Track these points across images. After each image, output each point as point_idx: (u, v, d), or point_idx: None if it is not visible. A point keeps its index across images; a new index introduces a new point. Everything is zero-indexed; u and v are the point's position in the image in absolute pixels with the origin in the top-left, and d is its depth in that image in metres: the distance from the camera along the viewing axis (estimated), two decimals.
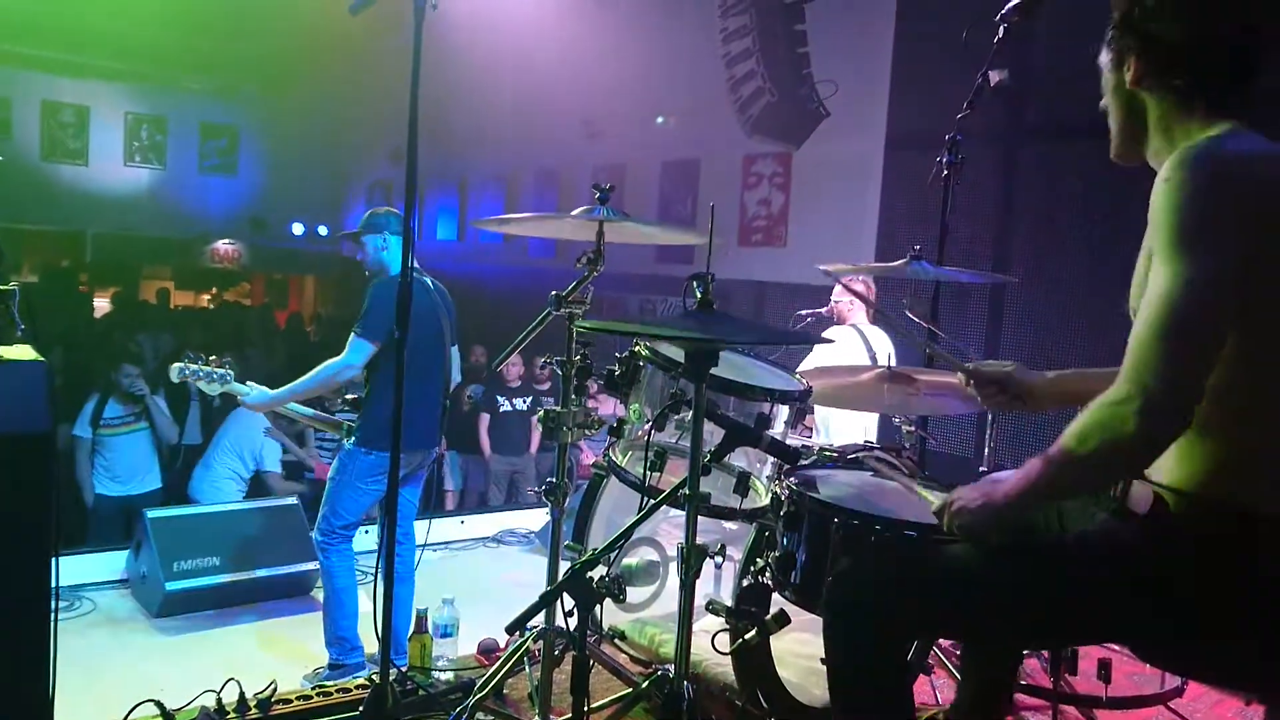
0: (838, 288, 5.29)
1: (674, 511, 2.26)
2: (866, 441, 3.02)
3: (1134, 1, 1.74)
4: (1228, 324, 1.56)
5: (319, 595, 5.32)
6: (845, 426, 4.73)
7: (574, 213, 2.63)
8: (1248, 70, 1.73)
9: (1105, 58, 1.84)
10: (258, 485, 6.95)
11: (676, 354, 2.35)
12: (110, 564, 5.36)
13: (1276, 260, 1.58)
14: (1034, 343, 6.15)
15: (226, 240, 17.30)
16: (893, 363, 5.04)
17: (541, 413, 2.64)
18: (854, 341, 5.10)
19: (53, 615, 2.51)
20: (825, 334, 5.15)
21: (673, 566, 2.57)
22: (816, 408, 4.78)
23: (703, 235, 2.36)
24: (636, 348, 2.51)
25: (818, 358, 4.92)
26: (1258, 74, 1.74)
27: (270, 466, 6.78)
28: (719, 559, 2.24)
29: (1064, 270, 6.02)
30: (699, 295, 2.01)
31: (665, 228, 3.11)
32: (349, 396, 4.16)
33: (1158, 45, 1.73)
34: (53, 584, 2.48)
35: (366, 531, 6.39)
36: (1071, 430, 1.63)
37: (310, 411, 4.30)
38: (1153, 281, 1.59)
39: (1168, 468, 1.69)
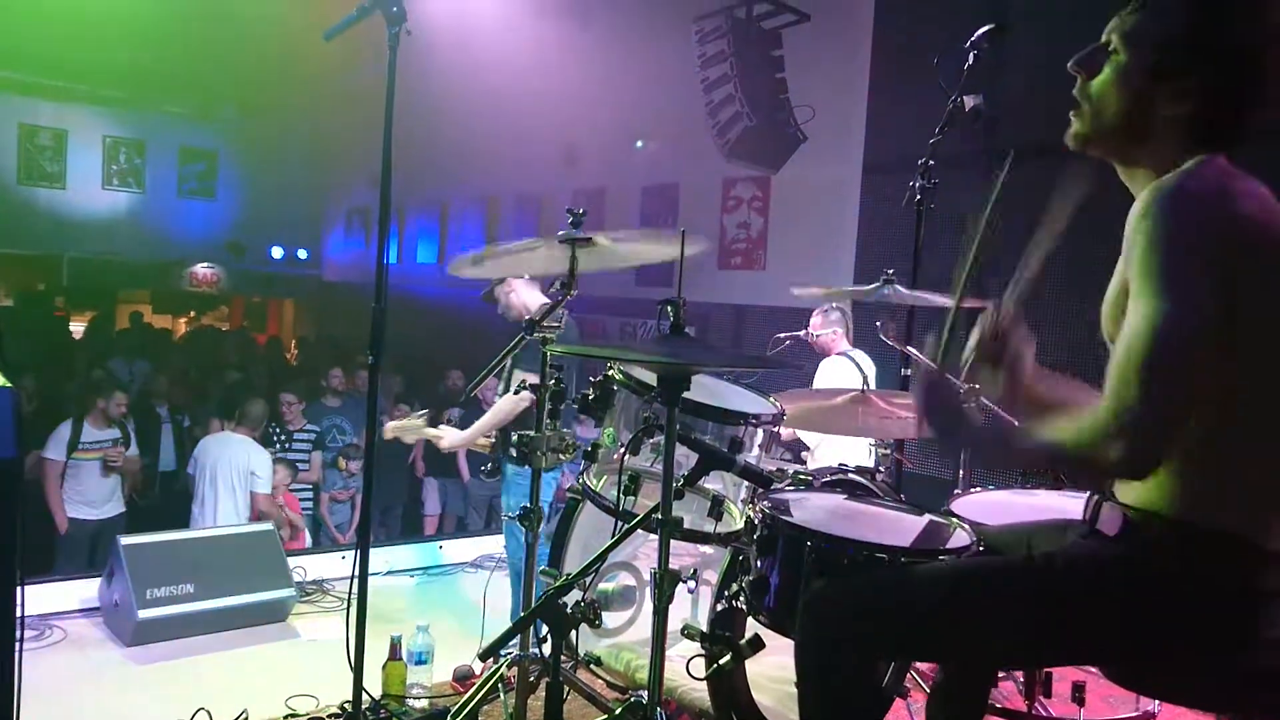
0: (814, 321, 5.30)
1: (651, 536, 2.25)
2: (841, 465, 3.02)
3: (1223, 35, 1.66)
4: (1208, 357, 1.56)
5: (294, 622, 5.27)
6: (839, 449, 4.72)
7: (553, 238, 2.63)
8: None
9: (1136, 52, 1.71)
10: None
11: (649, 378, 2.35)
12: (81, 591, 5.28)
13: (1248, 290, 1.58)
14: None
15: (205, 264, 17.23)
16: (872, 382, 5.09)
17: (515, 437, 2.63)
18: (849, 369, 5.11)
19: (18, 644, 2.48)
20: (821, 368, 5.19)
21: (649, 591, 2.56)
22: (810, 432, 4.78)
23: (674, 250, 2.34)
24: (610, 371, 2.51)
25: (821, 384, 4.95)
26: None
27: (263, 489, 6.61)
28: (692, 584, 2.23)
29: (1039, 292, 6.06)
30: (671, 320, 2.02)
31: (640, 239, 3.09)
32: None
33: (1225, 90, 1.67)
34: (18, 613, 2.44)
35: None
36: (1053, 431, 1.63)
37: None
38: (1133, 313, 1.58)
39: (1137, 490, 1.71)
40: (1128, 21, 1.74)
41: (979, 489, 2.89)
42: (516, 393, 3.78)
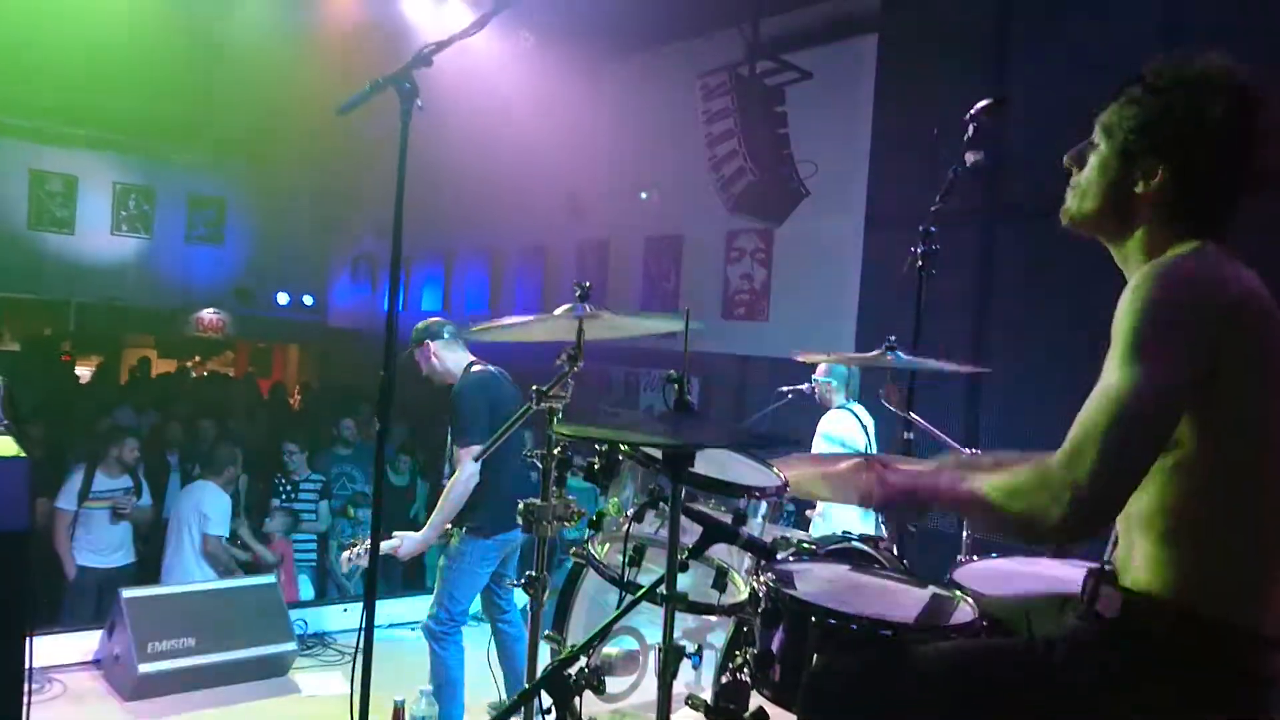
0: (819, 369, 5.36)
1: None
2: (844, 533, 3.03)
3: (1187, 118, 1.72)
4: (1168, 436, 1.60)
5: (295, 676, 5.25)
6: (845, 515, 4.73)
7: (556, 312, 2.68)
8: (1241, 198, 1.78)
9: (1117, 138, 1.79)
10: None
11: (655, 450, 2.38)
12: (82, 645, 5.26)
13: (1239, 374, 1.61)
14: (1011, 429, 6.17)
15: (211, 309, 17.34)
16: (872, 438, 5.12)
17: (521, 506, 2.65)
18: (850, 422, 5.16)
19: (26, 698, 2.49)
20: (823, 420, 5.23)
21: (653, 655, 2.56)
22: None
23: (680, 320, 2.37)
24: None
25: (821, 441, 4.99)
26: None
27: (215, 530, 6.61)
28: (697, 659, 2.23)
29: (1040, 353, 6.08)
30: (675, 395, 2.04)
31: (644, 316, 3.15)
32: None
33: (1193, 172, 1.73)
34: (26, 665, 2.46)
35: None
36: (1000, 483, 1.67)
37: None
38: (1104, 377, 1.62)
39: (1137, 573, 1.71)
40: (1106, 115, 1.82)
41: (983, 556, 2.89)
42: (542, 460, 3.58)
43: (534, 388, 2.67)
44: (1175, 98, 1.73)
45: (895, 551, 2.99)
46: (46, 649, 5.08)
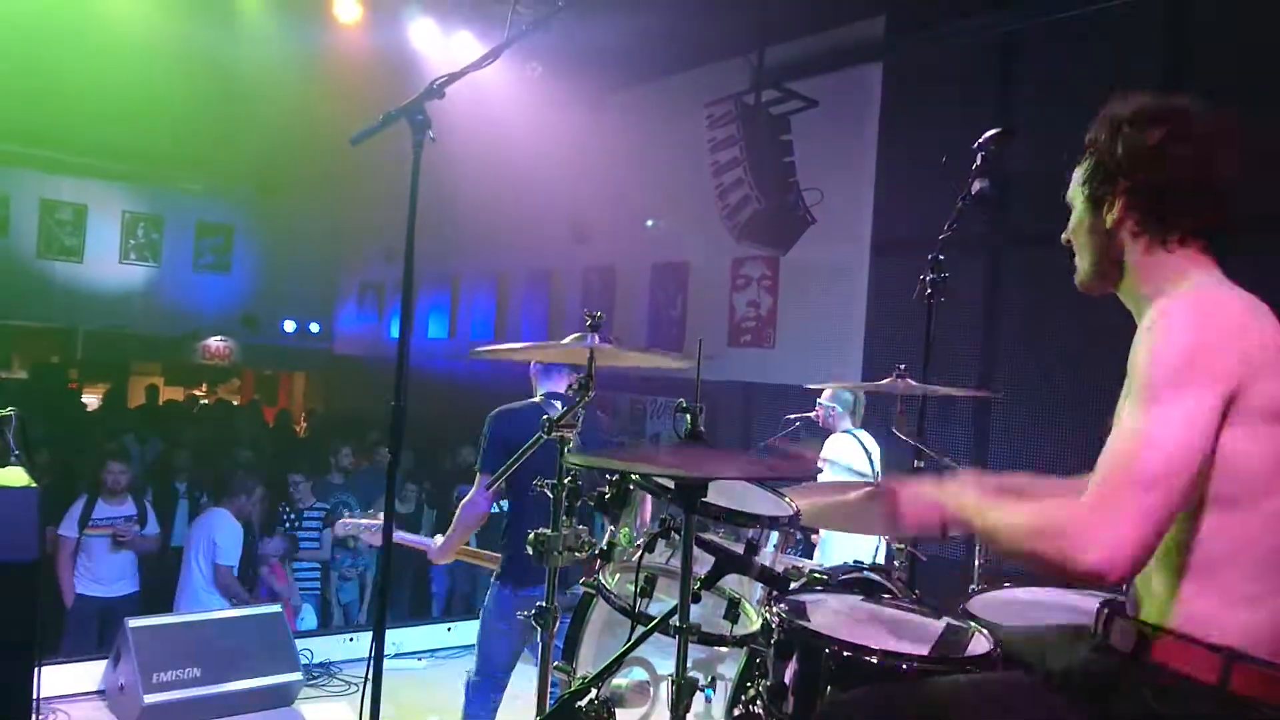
0: (824, 394, 5.37)
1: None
2: (856, 561, 3.01)
3: (1117, 148, 1.79)
4: (1195, 475, 1.59)
5: (301, 707, 5.22)
6: (849, 543, 4.71)
7: (565, 341, 2.68)
8: (1225, 214, 1.80)
9: (1080, 197, 1.88)
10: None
11: (667, 479, 2.37)
12: (86, 674, 5.23)
13: (1253, 408, 1.61)
14: (1019, 454, 6.16)
15: (218, 337, 17.40)
16: (877, 464, 5.10)
17: (531, 536, 2.64)
18: (854, 447, 5.16)
19: None
20: (826, 444, 5.23)
21: (664, 686, 2.54)
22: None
23: (691, 357, 2.38)
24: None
25: (824, 466, 4.98)
26: (1230, 216, 1.81)
27: (225, 560, 6.55)
28: (710, 691, 2.22)
29: (1047, 379, 6.08)
30: (688, 425, 2.04)
31: (654, 353, 3.15)
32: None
33: (1145, 192, 1.78)
34: (33, 696, 2.45)
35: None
36: (1027, 521, 1.68)
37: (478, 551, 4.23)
38: (1127, 419, 1.62)
39: (1151, 607, 1.71)
40: (1070, 188, 1.92)
41: (996, 586, 2.87)
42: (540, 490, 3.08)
43: (544, 417, 2.67)
44: (1117, 134, 1.81)
45: (906, 580, 2.98)
46: (51, 678, 5.05)
